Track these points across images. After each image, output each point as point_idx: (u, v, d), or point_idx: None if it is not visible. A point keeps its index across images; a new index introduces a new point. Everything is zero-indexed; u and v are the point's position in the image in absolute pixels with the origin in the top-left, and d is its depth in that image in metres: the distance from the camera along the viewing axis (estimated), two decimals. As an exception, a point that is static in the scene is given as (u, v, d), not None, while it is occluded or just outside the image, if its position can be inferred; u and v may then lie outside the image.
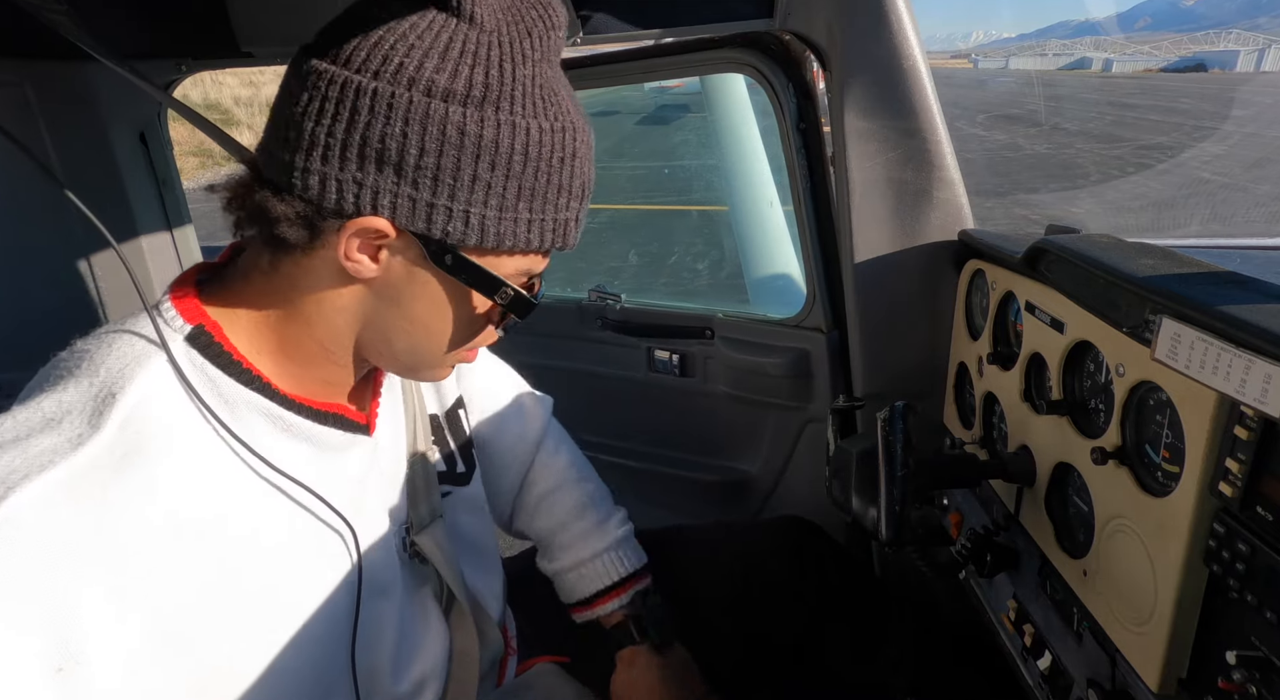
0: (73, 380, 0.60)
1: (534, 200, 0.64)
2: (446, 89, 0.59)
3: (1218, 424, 0.65)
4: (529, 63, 0.62)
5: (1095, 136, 18.18)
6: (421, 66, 0.59)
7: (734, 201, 2.07)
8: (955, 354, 1.24)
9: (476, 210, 0.62)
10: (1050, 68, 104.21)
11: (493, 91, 0.60)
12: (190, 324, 0.65)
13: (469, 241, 0.63)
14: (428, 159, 0.60)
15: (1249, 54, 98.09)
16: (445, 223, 0.62)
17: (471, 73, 0.60)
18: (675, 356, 1.81)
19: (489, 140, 0.61)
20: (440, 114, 0.59)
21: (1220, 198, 11.23)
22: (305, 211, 0.61)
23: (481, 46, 0.60)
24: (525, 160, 0.63)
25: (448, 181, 0.61)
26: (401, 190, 0.61)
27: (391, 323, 0.68)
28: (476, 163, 0.61)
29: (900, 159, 1.18)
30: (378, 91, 0.59)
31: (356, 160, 0.60)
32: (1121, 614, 0.78)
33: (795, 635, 1.18)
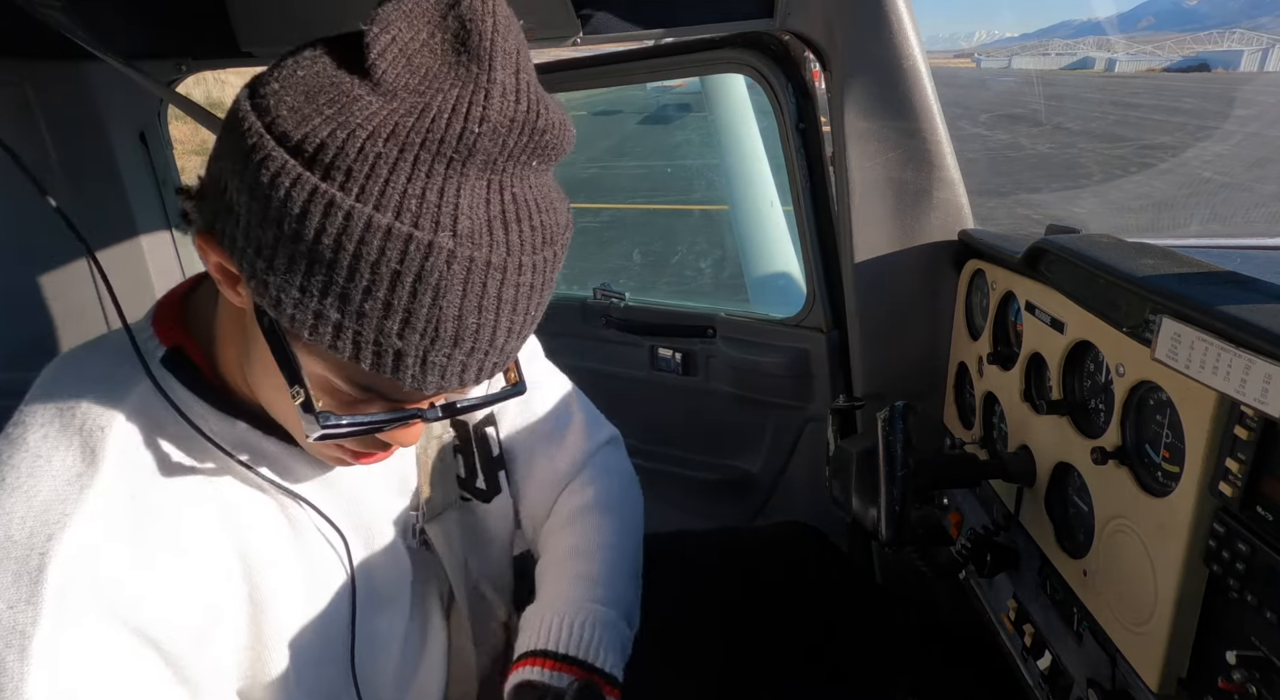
0: (55, 411, 0.60)
1: (346, 304, 0.51)
2: (284, 132, 0.50)
3: (1218, 424, 0.65)
4: (410, 149, 0.49)
5: (1098, 136, 18.16)
6: (281, 100, 0.51)
7: (734, 201, 2.08)
8: (955, 354, 1.24)
9: (275, 279, 0.52)
10: (1053, 67, 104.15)
11: (326, 153, 0.49)
12: (166, 345, 0.64)
13: (271, 313, 0.54)
14: (243, 198, 0.51)
15: (1252, 54, 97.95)
16: (251, 276, 0.53)
17: (324, 128, 0.49)
18: (678, 355, 1.82)
19: (295, 205, 0.49)
20: (265, 150, 0.50)
21: (1221, 197, 11.21)
22: (191, 213, 0.60)
23: (358, 106, 0.50)
24: (338, 252, 0.50)
25: (256, 232, 0.51)
26: (230, 224, 0.53)
27: (259, 370, 0.62)
28: (279, 226, 0.50)
29: (900, 159, 1.18)
30: (240, 108, 0.52)
31: (217, 188, 0.55)
32: (1121, 614, 0.78)
33: (796, 641, 1.18)
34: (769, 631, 1.17)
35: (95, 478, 0.57)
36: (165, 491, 0.61)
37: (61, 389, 0.61)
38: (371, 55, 0.50)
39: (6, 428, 0.61)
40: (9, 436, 0.59)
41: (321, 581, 0.72)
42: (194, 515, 0.62)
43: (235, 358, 0.65)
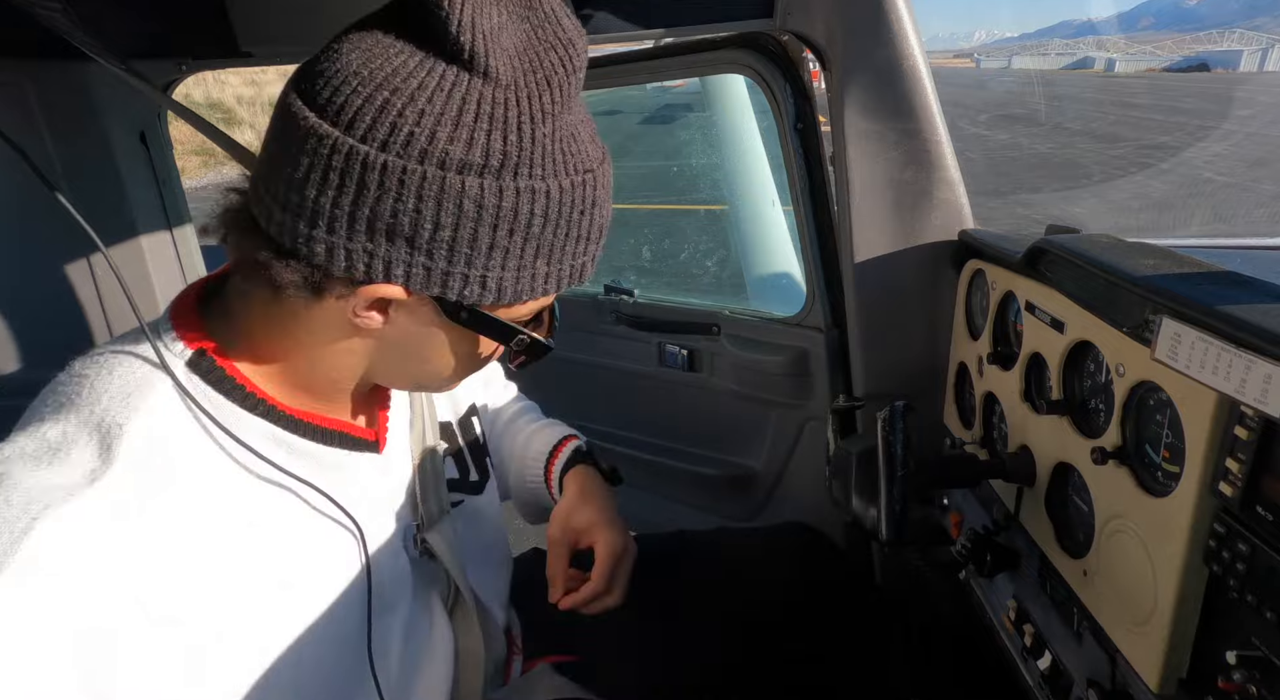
0: (73, 409, 0.59)
1: (552, 255, 0.62)
2: (462, 160, 0.55)
3: (1218, 424, 0.65)
4: (549, 119, 0.58)
5: (1097, 136, 18.16)
6: (434, 137, 0.54)
7: (734, 201, 2.08)
8: (955, 354, 1.24)
9: (494, 274, 0.60)
10: (1053, 67, 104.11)
11: (511, 158, 0.56)
12: (191, 348, 0.63)
13: (485, 301, 0.61)
14: (443, 232, 0.57)
15: (1252, 54, 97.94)
16: (462, 287, 0.60)
17: (488, 140, 0.55)
18: (684, 351, 1.83)
19: (507, 209, 0.57)
20: (456, 188, 0.55)
21: (1221, 197, 11.22)
22: (312, 277, 0.59)
23: (498, 106, 0.56)
24: (545, 222, 0.59)
25: (464, 251, 0.58)
26: (415, 261, 0.58)
27: (400, 365, 0.68)
28: (494, 232, 0.58)
29: (900, 159, 1.18)
30: (387, 166, 0.54)
31: (366, 233, 0.56)
32: (1121, 614, 0.78)
33: (796, 641, 1.18)
34: (769, 632, 1.17)
35: (108, 472, 0.55)
36: (180, 492, 0.59)
37: (84, 386, 0.60)
38: (468, 50, 0.54)
39: (25, 418, 0.60)
40: (26, 428, 0.58)
41: (339, 577, 0.72)
42: (209, 513, 0.61)
43: (278, 369, 0.67)
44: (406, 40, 0.56)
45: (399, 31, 0.56)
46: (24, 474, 0.54)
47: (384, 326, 0.63)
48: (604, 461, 1.10)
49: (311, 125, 0.55)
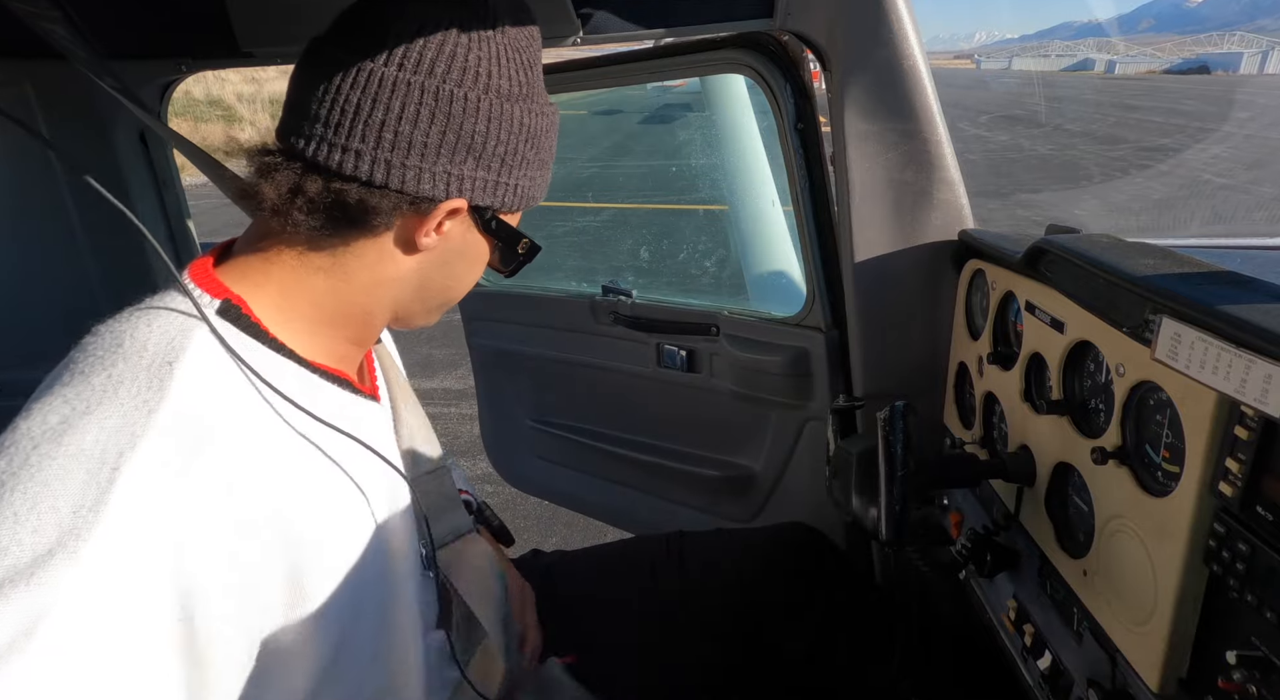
0: (118, 357, 0.61)
1: (544, 168, 0.80)
2: (507, 90, 0.72)
3: (1218, 424, 0.65)
4: (538, 61, 0.78)
5: (1098, 138, 18.17)
6: (492, 74, 0.71)
7: (734, 200, 2.08)
8: (955, 354, 1.24)
9: (522, 183, 0.77)
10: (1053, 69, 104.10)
11: (528, 88, 0.75)
12: (218, 298, 0.69)
13: (510, 207, 0.78)
14: (500, 147, 0.73)
15: (1253, 56, 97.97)
16: (504, 195, 0.76)
17: (516, 74, 0.73)
18: (683, 352, 1.83)
19: (532, 127, 0.75)
20: (508, 111, 0.73)
21: (1220, 198, 11.22)
22: (400, 202, 0.70)
23: (515, 50, 0.73)
24: (544, 138, 0.78)
25: (510, 163, 0.75)
26: (479, 175, 0.73)
27: (437, 282, 0.79)
28: (525, 146, 0.75)
29: (900, 160, 1.18)
30: (469, 97, 0.70)
31: (449, 155, 0.71)
32: (1121, 614, 0.78)
33: (797, 641, 1.18)
34: (768, 633, 1.17)
35: (163, 402, 0.59)
36: (240, 427, 0.64)
37: (124, 339, 0.63)
38: (491, 8, 0.72)
39: (56, 378, 0.62)
40: (66, 383, 0.60)
41: (380, 520, 0.78)
42: (261, 448, 0.65)
43: (306, 315, 0.74)
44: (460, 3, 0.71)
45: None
46: (86, 422, 0.57)
47: (436, 243, 0.74)
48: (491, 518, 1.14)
49: (387, 74, 0.68)
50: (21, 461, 0.55)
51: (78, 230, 1.60)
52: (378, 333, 0.81)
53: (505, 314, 2.12)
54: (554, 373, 2.07)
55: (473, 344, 2.23)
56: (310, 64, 0.71)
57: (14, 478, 0.54)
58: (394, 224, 0.72)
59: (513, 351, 2.14)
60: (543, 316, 2.04)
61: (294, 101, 0.72)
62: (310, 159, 0.69)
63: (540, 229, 4.25)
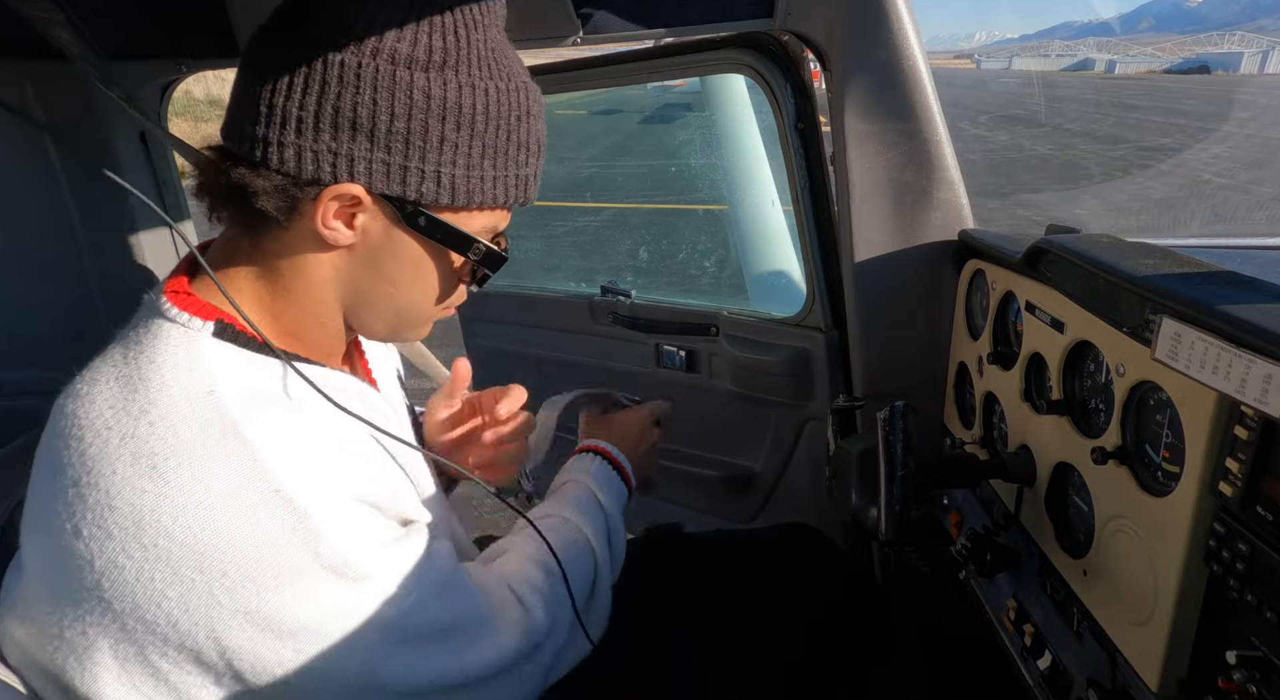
0: (158, 403, 0.61)
1: (497, 157, 0.69)
2: (409, 56, 0.63)
3: (1218, 424, 0.65)
4: (479, 27, 0.67)
5: (1098, 137, 18.16)
6: (383, 36, 0.62)
7: (734, 200, 2.08)
8: (955, 354, 1.24)
9: (446, 170, 0.66)
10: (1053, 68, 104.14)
11: (451, 56, 0.64)
12: (209, 320, 0.67)
13: (440, 201, 0.67)
14: (398, 123, 0.63)
15: (1253, 56, 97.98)
16: (418, 184, 0.66)
17: (430, 39, 0.64)
18: (682, 353, 1.83)
19: (452, 102, 0.65)
20: (405, 80, 0.63)
21: (1220, 198, 11.22)
22: (281, 183, 0.64)
23: (435, 11, 0.64)
24: (486, 119, 0.67)
25: (418, 144, 0.64)
26: (375, 156, 0.64)
27: (373, 286, 0.72)
28: (443, 124, 0.65)
29: (900, 160, 1.18)
30: (344, 63, 0.62)
31: (330, 130, 0.63)
32: (1121, 614, 0.78)
33: (796, 642, 1.17)
34: (769, 633, 1.17)
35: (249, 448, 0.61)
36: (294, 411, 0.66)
37: (148, 382, 0.62)
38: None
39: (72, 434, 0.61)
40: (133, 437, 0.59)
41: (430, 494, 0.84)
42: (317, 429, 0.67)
43: (270, 320, 0.72)
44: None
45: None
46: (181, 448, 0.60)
47: (354, 241, 0.68)
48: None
49: (275, 41, 0.64)
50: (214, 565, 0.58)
51: (78, 230, 1.60)
52: (341, 340, 0.78)
53: (503, 314, 2.12)
54: (553, 374, 2.07)
55: (470, 345, 2.23)
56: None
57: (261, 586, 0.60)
58: (297, 213, 0.66)
59: (511, 352, 2.14)
60: (541, 317, 2.04)
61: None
62: (216, 146, 0.68)
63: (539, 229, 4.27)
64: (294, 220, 0.66)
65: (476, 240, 0.71)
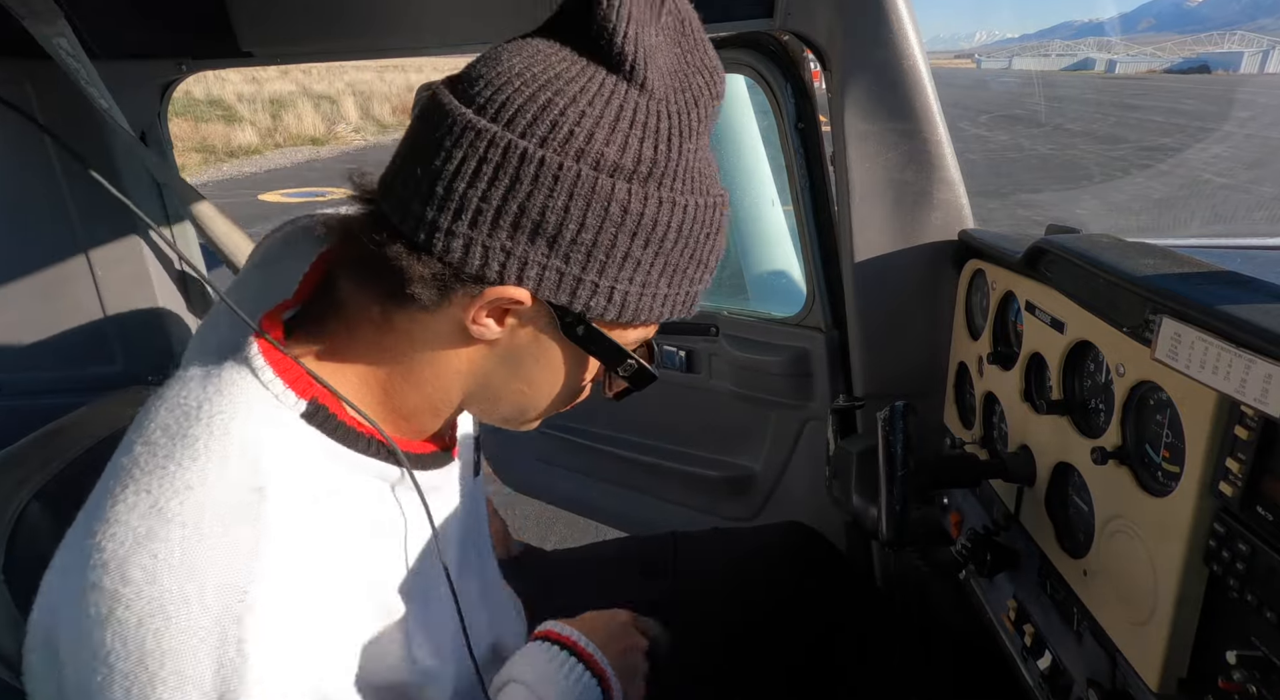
0: (202, 472, 0.55)
1: (675, 276, 0.63)
2: (615, 163, 0.57)
3: (1218, 424, 0.65)
4: (693, 136, 0.60)
5: (1098, 137, 18.17)
6: (592, 137, 0.56)
7: (733, 200, 2.07)
8: (955, 354, 1.24)
9: (621, 287, 0.61)
10: (1053, 68, 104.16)
11: (659, 167, 0.59)
12: (304, 399, 0.61)
13: (606, 316, 0.62)
14: (585, 234, 0.58)
15: (1253, 55, 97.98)
16: (588, 297, 0.60)
17: (641, 146, 0.58)
18: (681, 353, 1.83)
19: (649, 218, 0.59)
20: (606, 190, 0.57)
21: (1220, 198, 11.23)
22: (441, 273, 0.58)
23: (651, 116, 0.58)
24: (678, 237, 0.61)
25: (600, 257, 0.59)
26: (551, 263, 0.59)
27: (505, 384, 0.68)
28: (632, 240, 0.59)
29: (900, 160, 1.18)
30: (545, 160, 0.56)
31: (509, 229, 0.57)
32: (1121, 614, 0.78)
33: (796, 643, 1.17)
34: (767, 633, 1.17)
35: (265, 535, 0.55)
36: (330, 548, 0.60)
37: (209, 452, 0.56)
38: (629, 61, 0.57)
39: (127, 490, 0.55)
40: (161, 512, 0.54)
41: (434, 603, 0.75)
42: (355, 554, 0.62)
43: (380, 398, 0.67)
44: (570, 49, 0.58)
45: (561, 41, 0.59)
46: (186, 578, 0.52)
47: (498, 337, 0.63)
48: None
49: (469, 120, 0.57)
50: (135, 641, 0.51)
51: (78, 230, 1.60)
52: (451, 421, 0.74)
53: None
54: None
55: None
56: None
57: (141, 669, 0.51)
58: (447, 302, 0.60)
59: None
60: None
61: None
62: (367, 200, 0.63)
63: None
64: (440, 308, 0.61)
65: (630, 356, 0.66)
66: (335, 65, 24.48)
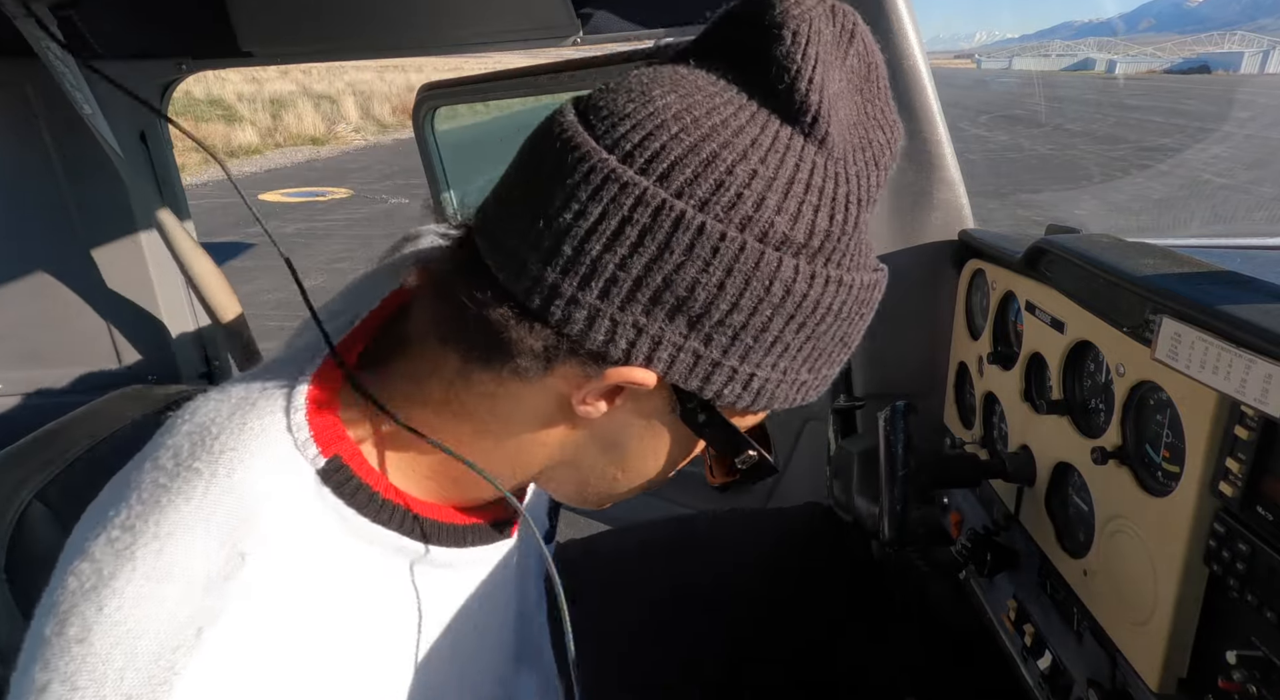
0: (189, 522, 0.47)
1: (818, 360, 0.54)
2: (785, 235, 0.47)
3: (1218, 424, 0.65)
4: (870, 204, 0.51)
5: (1098, 138, 18.17)
6: (763, 203, 0.46)
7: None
8: (955, 354, 1.24)
9: (762, 374, 0.51)
10: (1053, 68, 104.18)
11: (831, 241, 0.49)
12: (326, 456, 0.53)
13: (737, 405, 0.52)
14: (736, 316, 0.48)
15: (1253, 56, 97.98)
16: (722, 384, 0.50)
17: (816, 216, 0.48)
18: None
19: (811, 299, 0.49)
20: (771, 266, 0.47)
21: (1220, 198, 11.23)
22: (554, 344, 0.49)
23: (829, 181, 0.48)
24: (835, 320, 0.52)
25: (747, 341, 0.49)
26: (689, 345, 0.49)
27: (596, 467, 0.58)
28: (787, 323, 0.49)
29: (900, 160, 1.18)
30: (705, 228, 0.46)
31: (647, 303, 0.47)
32: (1121, 614, 0.78)
33: (800, 636, 1.18)
34: (767, 628, 1.17)
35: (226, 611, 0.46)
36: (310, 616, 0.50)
37: (204, 496, 0.49)
38: (811, 112, 0.47)
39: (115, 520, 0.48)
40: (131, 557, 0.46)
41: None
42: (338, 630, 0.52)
43: (435, 470, 0.58)
44: (737, 90, 0.48)
45: (723, 75, 0.49)
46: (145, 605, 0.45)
47: (603, 417, 0.53)
48: None
49: (612, 170, 0.46)
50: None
51: (78, 230, 1.60)
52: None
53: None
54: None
55: None
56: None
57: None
58: (549, 371, 0.50)
59: None
60: None
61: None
62: (469, 242, 0.52)
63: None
64: (538, 381, 0.51)
65: (751, 445, 0.55)
66: (335, 65, 24.49)
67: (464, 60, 5.41)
